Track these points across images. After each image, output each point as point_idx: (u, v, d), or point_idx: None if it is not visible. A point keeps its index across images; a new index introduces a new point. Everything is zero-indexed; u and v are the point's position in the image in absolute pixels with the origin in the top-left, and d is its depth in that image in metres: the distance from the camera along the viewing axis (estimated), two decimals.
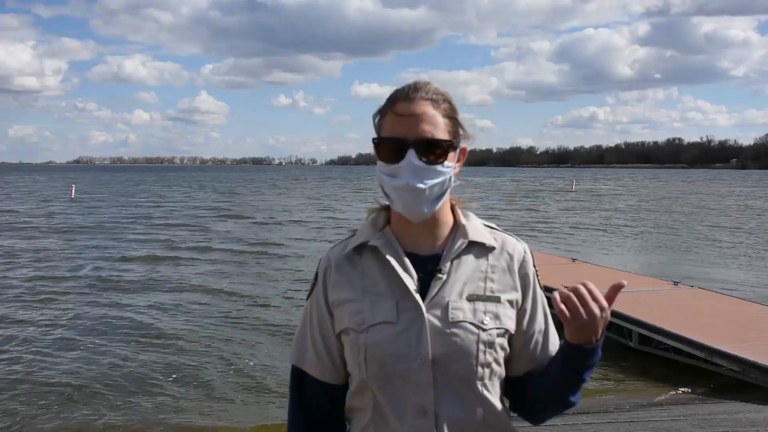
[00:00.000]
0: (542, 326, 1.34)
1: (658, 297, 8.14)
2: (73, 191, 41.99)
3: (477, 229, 1.33)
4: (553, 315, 1.33)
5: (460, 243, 1.30)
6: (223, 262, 14.60)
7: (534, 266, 1.35)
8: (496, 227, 1.38)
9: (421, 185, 1.22)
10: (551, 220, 25.06)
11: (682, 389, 6.04)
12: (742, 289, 10.87)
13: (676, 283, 9.00)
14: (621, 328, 7.27)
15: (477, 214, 1.37)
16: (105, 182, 72.50)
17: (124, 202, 37.63)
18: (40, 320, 9.13)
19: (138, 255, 15.46)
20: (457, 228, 1.33)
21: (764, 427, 4.76)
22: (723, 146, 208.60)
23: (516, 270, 1.32)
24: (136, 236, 19.58)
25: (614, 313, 7.35)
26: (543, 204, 35.31)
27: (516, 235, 1.39)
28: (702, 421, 4.98)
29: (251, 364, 7.12)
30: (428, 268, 1.28)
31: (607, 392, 6.08)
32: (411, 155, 1.21)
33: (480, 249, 1.32)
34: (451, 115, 1.27)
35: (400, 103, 1.25)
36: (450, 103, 1.28)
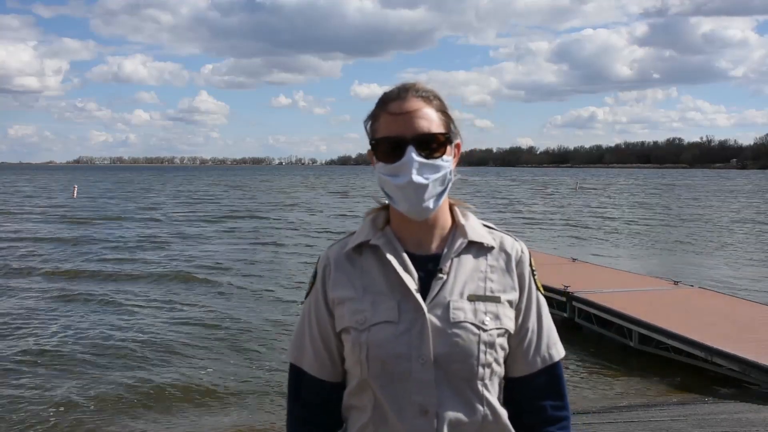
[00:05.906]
0: (535, 326, 1.33)
1: (658, 297, 8.14)
2: (75, 191, 42.48)
3: (476, 228, 1.34)
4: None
5: (460, 242, 1.31)
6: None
7: (531, 266, 1.35)
8: (495, 227, 1.39)
9: (423, 180, 1.23)
10: (551, 219, 25.12)
11: (682, 389, 6.04)
12: (742, 288, 10.87)
13: (676, 283, 9.00)
14: (621, 327, 7.28)
15: (484, 215, 1.38)
16: (125, 182, 72.35)
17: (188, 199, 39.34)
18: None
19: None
20: (456, 228, 1.34)
21: (764, 427, 4.76)
22: (723, 146, 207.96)
23: (514, 269, 1.33)
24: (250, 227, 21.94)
25: (614, 313, 7.36)
26: (544, 203, 35.36)
27: (514, 234, 1.40)
28: (702, 421, 4.97)
29: None
30: (428, 267, 1.29)
31: (606, 392, 6.09)
32: (411, 151, 1.23)
33: (479, 249, 1.33)
34: (443, 110, 1.30)
35: (393, 103, 1.28)
36: (439, 99, 1.30)
